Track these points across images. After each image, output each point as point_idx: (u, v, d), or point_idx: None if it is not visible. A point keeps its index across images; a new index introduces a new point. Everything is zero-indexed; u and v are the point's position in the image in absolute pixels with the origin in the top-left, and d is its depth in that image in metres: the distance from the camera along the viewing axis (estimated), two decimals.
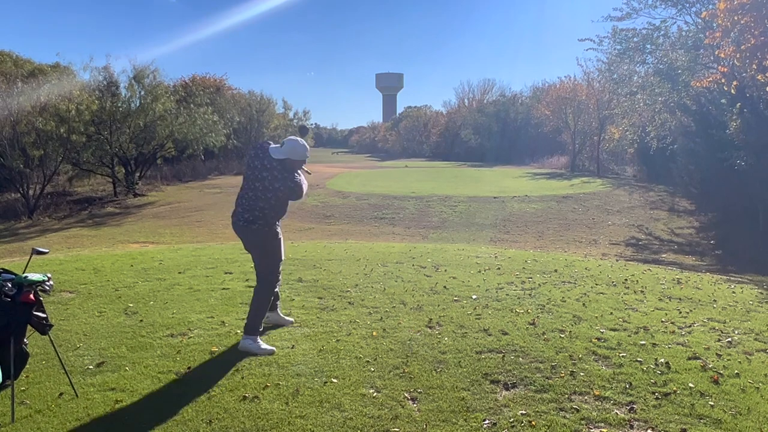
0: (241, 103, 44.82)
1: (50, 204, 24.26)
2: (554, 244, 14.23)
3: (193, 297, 6.16)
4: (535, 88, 55.90)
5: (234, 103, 43.66)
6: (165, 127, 28.79)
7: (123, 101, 27.76)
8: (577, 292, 6.51)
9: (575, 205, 19.76)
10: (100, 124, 26.45)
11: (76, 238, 17.15)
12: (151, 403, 3.63)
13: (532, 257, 9.24)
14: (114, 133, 26.91)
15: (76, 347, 4.62)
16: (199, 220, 19.69)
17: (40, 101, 23.22)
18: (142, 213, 22.73)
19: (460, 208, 19.04)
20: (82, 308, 5.75)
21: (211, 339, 4.77)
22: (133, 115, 27.66)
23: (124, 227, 19.20)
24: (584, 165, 37.35)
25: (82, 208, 24.69)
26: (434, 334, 4.88)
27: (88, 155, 26.91)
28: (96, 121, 26.16)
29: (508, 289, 6.56)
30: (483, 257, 8.91)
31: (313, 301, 5.95)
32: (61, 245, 15.51)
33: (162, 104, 28.09)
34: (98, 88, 26.65)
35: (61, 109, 23.93)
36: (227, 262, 8.30)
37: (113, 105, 26.79)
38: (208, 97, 34.65)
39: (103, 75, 27.13)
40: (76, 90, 25.40)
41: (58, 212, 23.35)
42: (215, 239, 15.25)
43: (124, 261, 8.48)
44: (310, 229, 16.82)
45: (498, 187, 24.16)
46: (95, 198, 27.03)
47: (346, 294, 6.28)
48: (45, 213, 23.00)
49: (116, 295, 6.27)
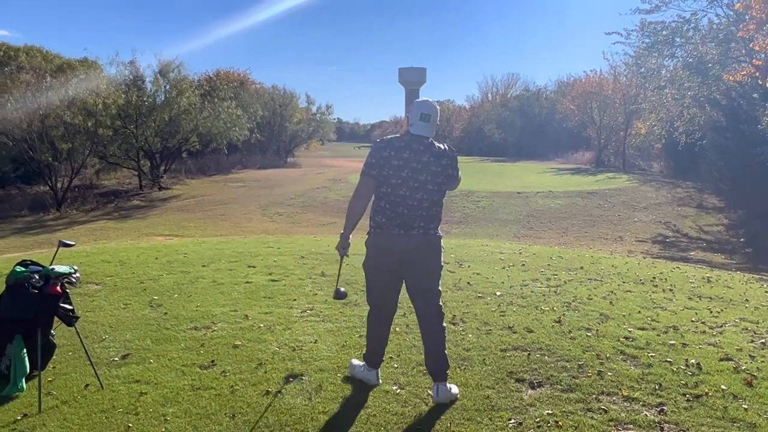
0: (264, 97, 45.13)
1: (77, 197, 24.67)
2: (579, 241, 14.04)
3: (217, 290, 6.19)
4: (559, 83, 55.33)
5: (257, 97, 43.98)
6: (189, 121, 29.08)
7: (148, 95, 28.10)
8: (604, 290, 6.40)
9: (600, 201, 19.48)
10: (126, 118, 26.79)
11: (102, 230, 17.41)
12: (174, 396, 3.64)
13: (557, 254, 9.12)
14: (140, 126, 27.25)
15: (102, 339, 4.66)
16: (223, 213, 19.84)
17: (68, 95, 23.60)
18: (167, 206, 22.99)
19: (483, 203, 18.89)
20: (108, 300, 5.81)
21: (235, 333, 4.77)
22: (158, 109, 27.99)
23: (149, 220, 19.43)
24: (610, 160, 36.86)
25: (108, 200, 25.06)
26: (458, 331, 4.83)
27: (115, 149, 27.31)
28: (122, 115, 26.51)
29: (533, 286, 6.48)
30: (507, 253, 8.81)
31: None
32: (88, 237, 15.75)
33: (187, 98, 28.36)
34: (124, 83, 27.02)
35: (89, 103, 24.30)
36: (250, 255, 8.33)
37: (139, 99, 27.13)
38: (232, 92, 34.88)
39: (129, 70, 27.52)
40: (103, 84, 25.78)
41: (85, 205, 23.73)
42: (239, 233, 15.36)
43: (149, 254, 8.55)
44: (332, 223, 16.84)
45: (521, 182, 23.94)
46: (121, 191, 27.42)
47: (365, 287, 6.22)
48: (72, 206, 23.40)
49: (141, 287, 6.33)
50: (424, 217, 3.57)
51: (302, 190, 23.77)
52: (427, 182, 3.54)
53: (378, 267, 3.69)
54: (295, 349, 4.42)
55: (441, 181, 3.59)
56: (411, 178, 3.53)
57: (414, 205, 3.54)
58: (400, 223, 3.55)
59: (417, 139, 3.59)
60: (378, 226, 3.63)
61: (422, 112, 3.61)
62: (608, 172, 29.44)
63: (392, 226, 3.56)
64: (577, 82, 41.48)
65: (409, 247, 3.57)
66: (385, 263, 3.65)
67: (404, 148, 3.57)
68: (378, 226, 3.63)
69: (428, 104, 3.65)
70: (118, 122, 26.43)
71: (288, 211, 19.62)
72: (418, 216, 3.56)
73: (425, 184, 3.54)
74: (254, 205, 21.15)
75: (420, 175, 3.53)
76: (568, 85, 47.83)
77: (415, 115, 3.62)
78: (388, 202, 3.57)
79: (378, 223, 3.62)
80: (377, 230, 3.64)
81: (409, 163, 3.53)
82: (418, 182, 3.53)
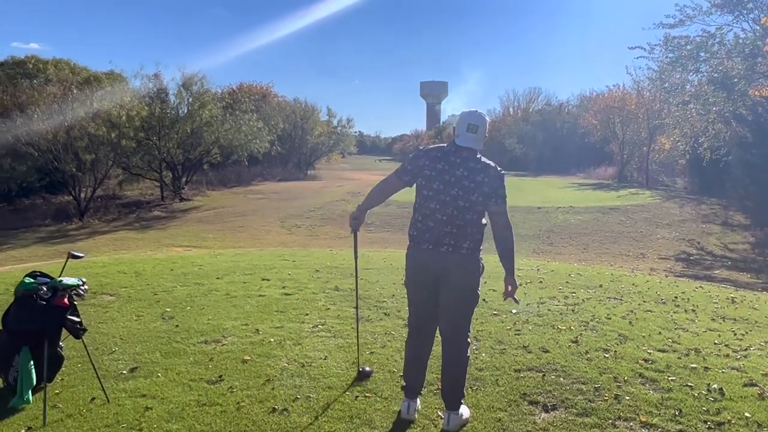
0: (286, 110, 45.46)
1: (100, 207, 25.02)
2: (600, 258, 13.81)
3: (230, 303, 6.16)
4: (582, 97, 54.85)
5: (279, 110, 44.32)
6: (211, 133, 29.40)
7: (171, 108, 28.51)
8: (623, 309, 6.24)
9: (622, 217, 19.19)
10: (149, 130, 27.18)
11: (123, 240, 17.58)
12: (180, 411, 3.59)
13: (576, 271, 8.95)
14: (162, 138, 27.60)
15: (112, 351, 4.64)
16: (242, 225, 19.93)
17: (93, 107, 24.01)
18: (187, 217, 23.18)
19: None
20: (120, 312, 5.81)
21: (244, 347, 4.72)
22: (180, 121, 28.36)
23: (169, 231, 19.59)
24: (632, 176, 36.40)
25: (130, 211, 25.36)
26: (471, 350, 4.72)
27: (137, 160, 27.68)
28: (145, 126, 26.90)
29: (550, 304, 6.34)
30: (524, 270, 8.67)
31: (348, 311, 5.87)
32: (108, 247, 15.91)
33: (209, 111, 28.71)
34: (148, 95, 27.43)
35: (113, 114, 24.70)
36: (265, 268, 8.31)
37: (162, 111, 27.53)
38: (254, 104, 35.25)
39: (153, 82, 27.94)
40: (127, 97, 26.20)
41: (107, 215, 24.04)
42: (256, 245, 15.39)
43: (165, 265, 8.58)
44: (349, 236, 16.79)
45: (542, 197, 23.72)
46: (143, 202, 27.74)
47: (382, 304, 6.18)
48: (95, 216, 23.72)
49: (155, 299, 6.33)
50: (455, 235, 3.34)
51: (321, 202, 23.82)
52: (458, 198, 3.33)
53: (413, 283, 3.55)
54: (304, 365, 4.35)
55: (475, 199, 3.33)
56: (442, 192, 3.35)
57: (443, 220, 3.35)
58: (429, 238, 3.38)
59: (457, 151, 3.39)
60: (411, 239, 3.52)
61: (470, 123, 3.39)
62: (631, 188, 29.06)
63: (422, 241, 3.42)
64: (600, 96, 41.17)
65: (437, 265, 3.38)
66: (419, 279, 3.49)
67: (440, 159, 3.40)
68: (411, 239, 3.52)
69: (476, 114, 3.42)
70: (141, 134, 26.82)
71: (306, 224, 19.64)
72: (448, 232, 3.34)
73: (456, 199, 3.33)
74: (273, 217, 21.22)
75: (452, 189, 3.34)
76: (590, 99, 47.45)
77: (462, 125, 3.41)
78: (421, 214, 3.45)
79: (411, 236, 3.51)
80: (410, 243, 3.52)
81: (442, 175, 3.36)
82: (450, 196, 3.34)
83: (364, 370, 4.10)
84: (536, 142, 52.08)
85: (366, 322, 5.50)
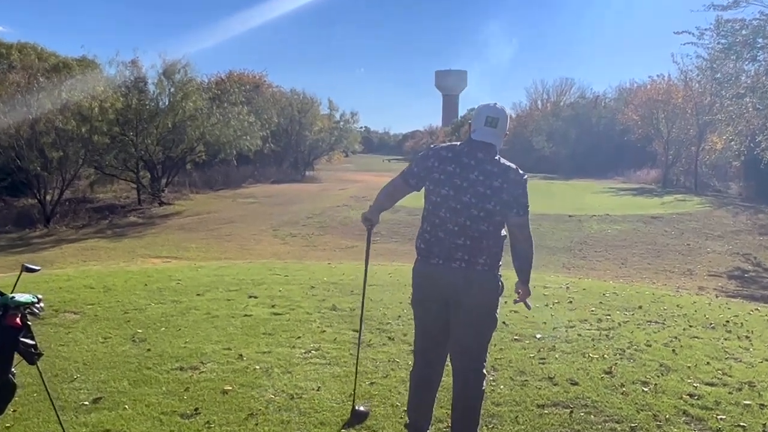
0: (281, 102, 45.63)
1: (68, 211, 25.16)
2: (640, 274, 13.73)
3: (210, 324, 6.15)
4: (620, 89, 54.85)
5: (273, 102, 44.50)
6: (195, 128, 29.55)
7: (150, 99, 28.75)
8: (666, 335, 6.18)
9: (667, 227, 19.08)
10: (125, 124, 27.36)
11: (92, 250, 17.66)
12: None
13: (612, 289, 8.90)
14: (140, 134, 27.79)
15: (73, 378, 4.62)
16: (230, 233, 19.97)
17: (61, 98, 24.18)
18: (167, 224, 23.26)
19: None
20: (85, 332, 5.81)
21: (225, 375, 4.70)
22: (161, 114, 28.57)
23: (145, 239, 19.65)
24: (679, 180, 36.25)
25: (102, 216, 25.50)
26: (488, 381, 4.67)
27: (111, 158, 27.86)
28: (120, 120, 27.10)
29: (581, 328, 6.30)
30: (552, 287, 8.63)
31: (346, 334, 5.84)
32: (76, 258, 15.97)
33: (193, 103, 28.90)
34: (124, 85, 27.68)
35: (84, 106, 24.89)
36: (253, 284, 8.31)
37: (140, 103, 27.73)
38: (245, 96, 35.37)
39: (130, 70, 28.22)
40: (101, 86, 26.38)
41: (76, 221, 24.17)
42: (244, 256, 15.40)
43: (138, 279, 8.60)
44: (352, 247, 16.80)
45: (574, 203, 23.63)
46: (117, 206, 27.90)
47: (387, 327, 6.15)
48: (62, 221, 23.86)
49: (125, 318, 6.33)
50: (468, 248, 3.27)
51: (321, 208, 23.84)
52: (471, 205, 3.27)
53: (420, 303, 3.50)
54: (293, 397, 4.32)
55: (492, 208, 3.27)
56: (452, 198, 3.29)
57: (454, 231, 3.29)
58: (439, 251, 3.32)
59: (472, 150, 3.34)
60: (419, 252, 3.47)
61: (488, 115, 3.34)
62: (677, 194, 28.92)
63: (431, 254, 3.37)
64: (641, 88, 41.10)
65: (448, 283, 3.32)
66: (427, 298, 3.44)
67: (451, 159, 3.35)
68: (419, 252, 3.47)
69: (495, 107, 3.38)
70: (116, 128, 27.00)
71: (303, 232, 19.65)
72: (461, 245, 3.28)
73: (469, 207, 3.27)
74: (265, 225, 21.26)
75: (463, 195, 3.28)
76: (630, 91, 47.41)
77: (479, 119, 3.35)
78: (429, 223, 3.40)
79: (418, 248, 3.47)
80: (418, 257, 3.48)
81: (452, 178, 3.31)
82: (461, 204, 3.28)
83: (359, 410, 4.01)
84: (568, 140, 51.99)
85: (367, 347, 5.46)
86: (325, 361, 5.07)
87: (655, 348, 5.67)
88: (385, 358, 5.20)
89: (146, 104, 28.27)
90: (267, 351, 5.30)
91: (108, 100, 25.97)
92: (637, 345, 5.74)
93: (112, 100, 26.19)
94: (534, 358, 5.23)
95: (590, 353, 5.42)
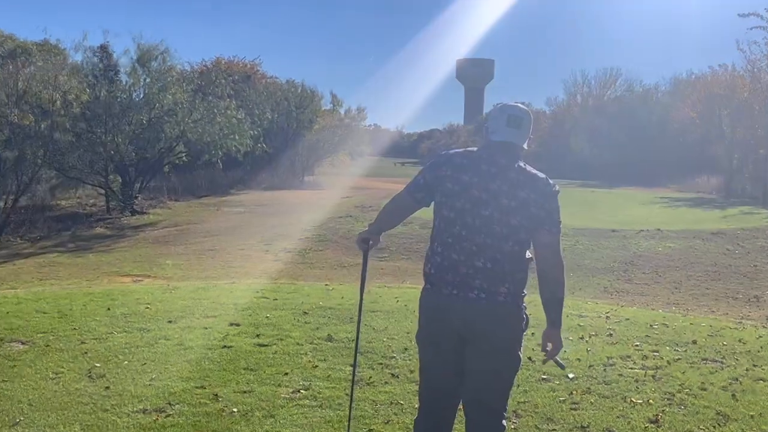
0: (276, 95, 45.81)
1: (24, 221, 25.23)
2: (696, 301, 13.60)
3: (182, 357, 6.14)
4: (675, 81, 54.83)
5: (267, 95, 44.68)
6: (175, 125, 29.65)
7: (122, 90, 28.85)
8: (725, 377, 6.09)
9: (730, 245, 18.93)
10: (93, 120, 27.47)
11: (51, 266, 17.69)
12: None
13: (662, 319, 8.81)
14: (110, 131, 27.86)
15: (16, 422, 4.61)
16: (213, 248, 19.97)
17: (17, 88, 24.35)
18: (140, 236, 23.31)
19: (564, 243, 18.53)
20: (33, 366, 5.80)
21: (196, 420, 4.68)
22: (134, 108, 28.66)
23: (114, 254, 19.68)
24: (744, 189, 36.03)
25: (64, 227, 25.55)
26: (509, 429, 4.61)
27: (76, 159, 27.88)
28: (87, 115, 27.21)
29: (622, 367, 6.24)
30: (589, 316, 8.56)
31: (343, 371, 5.81)
32: (32, 276, 16.01)
33: (172, 95, 29.00)
34: (92, 74, 27.79)
35: (44, 99, 25.03)
36: (236, 308, 8.30)
37: (110, 95, 27.83)
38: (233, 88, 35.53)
39: (99, 57, 28.30)
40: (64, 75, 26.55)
41: (33, 232, 24.23)
42: (229, 275, 15.38)
43: (100, 302, 8.59)
44: (354, 265, 16.74)
45: (618, 216, 23.51)
46: (82, 215, 27.97)
47: (390, 362, 6.12)
48: (17, 232, 23.91)
49: (81, 349, 6.32)
50: (488, 273, 3.20)
51: (320, 219, 23.82)
52: (492, 221, 3.20)
53: (427, 340, 3.43)
54: None
55: (517, 224, 3.21)
56: (470, 212, 3.22)
57: (472, 252, 3.22)
58: (453, 279, 3.25)
59: (492, 156, 3.28)
60: (427, 279, 3.39)
61: (510, 114, 3.31)
62: (742, 206, 28.73)
63: (443, 282, 3.29)
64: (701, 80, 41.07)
65: (464, 318, 3.24)
66: (437, 336, 3.36)
67: (467, 167, 3.29)
68: (427, 279, 3.39)
69: (518, 107, 3.37)
70: (82, 125, 27.11)
71: (299, 247, 19.61)
72: (479, 269, 3.20)
73: (490, 223, 3.20)
74: (255, 238, 21.25)
75: (484, 209, 3.21)
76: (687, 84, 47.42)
77: (500, 118, 3.32)
78: (441, 243, 3.32)
79: (427, 274, 3.38)
80: (427, 286, 3.40)
81: (470, 189, 3.24)
82: (480, 219, 3.21)
83: None
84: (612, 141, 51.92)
85: (366, 385, 5.44)
86: (316, 403, 5.04)
87: (712, 392, 5.61)
88: (386, 399, 5.16)
89: (117, 96, 28.32)
90: (247, 390, 5.28)
91: (73, 91, 26.12)
92: (690, 388, 5.68)
93: (78, 92, 26.33)
94: (565, 403, 5.20)
95: (633, 397, 5.37)
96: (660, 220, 22.83)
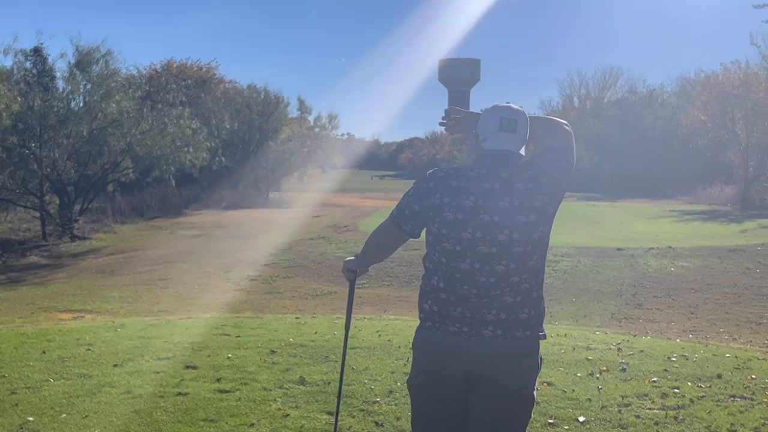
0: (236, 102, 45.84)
1: None
2: (715, 327, 13.61)
3: (130, 407, 6.01)
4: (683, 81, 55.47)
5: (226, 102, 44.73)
6: (120, 138, 29.59)
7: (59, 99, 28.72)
8: (756, 416, 6.04)
9: (750, 263, 19.04)
10: (25, 133, 27.34)
11: None
12: None
13: (680, 350, 8.78)
14: (45, 145, 27.74)
15: None
16: (165, 277, 19.82)
17: None
18: (81, 265, 23.12)
19: (564, 264, 18.58)
20: None
21: None
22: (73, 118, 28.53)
23: (51, 287, 19.47)
24: (763, 200, 36.41)
25: None
26: None
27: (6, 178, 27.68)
28: (19, 127, 27.07)
29: (639, 407, 6.16)
30: (598, 348, 8.51)
31: (318, 419, 5.71)
32: None
33: (117, 103, 29.01)
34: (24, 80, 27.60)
35: None
36: (192, 348, 8.19)
37: (45, 104, 27.73)
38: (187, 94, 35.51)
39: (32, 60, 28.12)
40: None
41: None
42: (184, 308, 15.21)
43: (34, 344, 8.45)
44: (328, 294, 16.65)
45: (624, 232, 23.65)
46: (13, 242, 27.75)
47: (373, 407, 6.03)
48: None
49: (12, 401, 6.18)
50: (508, 306, 3.14)
51: (288, 242, 23.77)
52: (513, 243, 3.13)
53: (425, 389, 3.29)
54: None
55: (538, 237, 3.18)
56: (482, 241, 3.12)
57: (490, 284, 3.13)
58: (463, 314, 3.13)
59: (492, 170, 3.20)
60: (428, 318, 3.26)
61: (502, 117, 3.22)
62: (761, 218, 29.00)
63: (450, 319, 3.16)
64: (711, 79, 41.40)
65: (477, 359, 3.14)
66: (440, 382, 3.23)
67: (467, 189, 3.16)
68: (428, 318, 3.26)
69: (510, 107, 3.28)
70: (13, 138, 26.96)
71: (264, 275, 19.50)
72: (495, 298, 3.13)
73: (509, 246, 3.12)
74: (214, 265, 21.14)
75: (498, 232, 3.12)
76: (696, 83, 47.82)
77: (491, 123, 3.25)
78: (445, 279, 3.19)
79: (427, 312, 3.25)
80: (426, 324, 3.26)
81: (478, 215, 3.12)
82: (498, 246, 3.12)
83: None
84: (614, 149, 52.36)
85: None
86: None
87: None
88: None
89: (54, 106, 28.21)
90: None
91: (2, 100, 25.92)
92: (718, 431, 5.62)
93: (8, 101, 26.14)
94: None
95: None
96: (670, 236, 22.96)
